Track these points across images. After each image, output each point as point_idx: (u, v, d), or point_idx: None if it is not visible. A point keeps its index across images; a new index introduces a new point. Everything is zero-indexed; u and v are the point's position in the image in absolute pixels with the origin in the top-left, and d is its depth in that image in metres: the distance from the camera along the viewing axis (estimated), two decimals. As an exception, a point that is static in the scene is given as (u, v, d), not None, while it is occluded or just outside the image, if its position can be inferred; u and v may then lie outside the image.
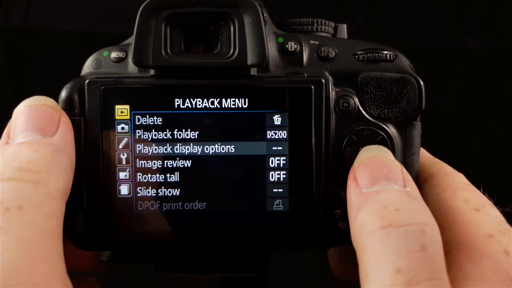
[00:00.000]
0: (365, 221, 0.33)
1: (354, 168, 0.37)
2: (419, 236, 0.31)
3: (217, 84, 0.39)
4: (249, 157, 0.40)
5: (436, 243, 0.31)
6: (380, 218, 0.32)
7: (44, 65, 0.81)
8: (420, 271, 0.30)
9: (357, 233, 0.33)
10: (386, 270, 0.30)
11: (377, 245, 0.31)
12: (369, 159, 0.37)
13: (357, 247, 0.33)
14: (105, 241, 0.40)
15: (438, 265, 0.30)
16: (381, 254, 0.31)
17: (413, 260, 0.30)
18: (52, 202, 0.33)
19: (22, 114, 0.36)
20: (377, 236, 0.32)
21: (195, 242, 0.40)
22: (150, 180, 0.40)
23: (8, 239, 0.30)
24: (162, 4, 0.38)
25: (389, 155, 0.37)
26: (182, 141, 0.40)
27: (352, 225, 0.34)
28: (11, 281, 0.29)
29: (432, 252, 0.31)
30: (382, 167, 0.36)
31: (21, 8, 0.80)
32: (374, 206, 0.33)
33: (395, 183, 0.35)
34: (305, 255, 0.84)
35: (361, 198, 0.34)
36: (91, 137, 0.39)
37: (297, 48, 0.41)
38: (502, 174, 0.81)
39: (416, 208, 0.33)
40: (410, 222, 0.32)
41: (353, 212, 0.34)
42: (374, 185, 0.35)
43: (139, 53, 0.39)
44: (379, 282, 0.30)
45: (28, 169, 0.33)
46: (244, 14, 0.39)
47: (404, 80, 0.40)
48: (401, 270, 0.30)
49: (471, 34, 0.81)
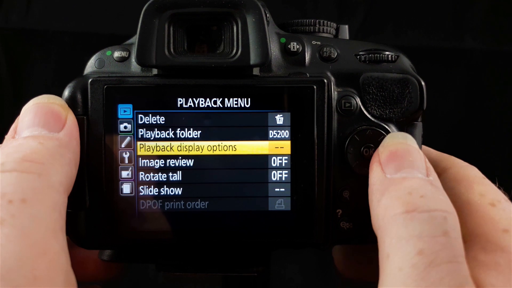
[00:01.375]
0: (388, 205, 0.34)
1: (379, 153, 0.37)
2: (441, 223, 0.32)
3: (219, 83, 0.40)
4: (251, 157, 0.40)
5: (457, 231, 0.32)
6: (404, 203, 0.33)
7: (44, 65, 0.81)
8: (442, 254, 0.30)
9: (380, 216, 0.34)
10: (408, 251, 0.31)
11: (400, 228, 0.32)
12: (395, 145, 0.37)
13: (379, 229, 0.34)
14: (106, 240, 0.40)
15: (459, 250, 0.31)
16: (404, 236, 0.31)
17: (436, 243, 0.31)
18: (55, 195, 0.33)
19: (30, 111, 0.36)
20: (401, 219, 0.32)
21: (196, 242, 0.40)
22: (152, 179, 0.40)
23: (11, 232, 0.30)
24: (165, 3, 0.39)
25: (414, 143, 0.38)
26: (184, 140, 0.40)
27: (375, 208, 0.35)
28: (12, 273, 0.29)
29: (453, 238, 0.31)
30: (407, 154, 0.36)
31: (21, 8, 0.80)
32: (399, 191, 0.34)
33: (419, 172, 0.35)
34: (306, 255, 0.84)
35: (386, 183, 0.35)
36: (93, 136, 0.39)
37: (299, 49, 0.41)
38: (501, 174, 0.81)
39: (439, 196, 0.34)
40: (433, 208, 0.32)
41: (376, 196, 0.35)
42: (399, 171, 0.35)
43: (142, 52, 0.39)
44: (400, 262, 0.31)
45: (31, 159, 0.33)
46: (247, 14, 0.39)
47: (406, 81, 0.40)
48: (423, 252, 0.30)
49: (471, 34, 0.81)
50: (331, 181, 0.40)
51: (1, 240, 0.29)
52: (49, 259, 0.30)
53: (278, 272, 0.83)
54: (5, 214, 0.30)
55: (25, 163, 0.33)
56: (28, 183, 0.32)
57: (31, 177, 0.32)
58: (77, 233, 0.40)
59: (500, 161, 0.83)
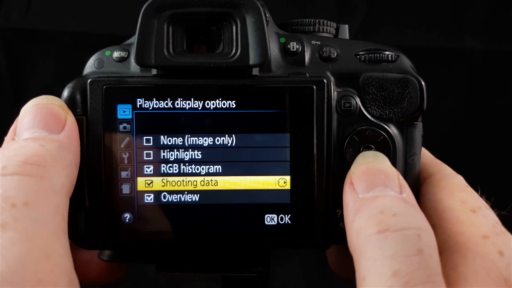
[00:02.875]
0: (362, 225, 0.33)
1: (351, 174, 0.37)
2: (415, 241, 0.31)
3: (219, 84, 0.40)
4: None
5: (432, 248, 0.32)
6: (377, 223, 0.32)
7: (44, 65, 0.81)
8: (417, 274, 0.30)
9: (354, 238, 0.34)
10: (384, 273, 0.30)
11: (374, 249, 0.32)
12: (366, 165, 0.37)
13: (354, 251, 0.33)
14: (106, 240, 0.40)
15: (434, 268, 0.31)
16: (378, 257, 0.31)
17: (410, 263, 0.30)
18: (57, 198, 0.33)
19: (29, 112, 0.36)
20: (374, 240, 0.32)
21: (196, 242, 0.40)
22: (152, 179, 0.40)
23: (14, 235, 0.30)
24: (164, 4, 0.39)
25: (385, 161, 0.38)
26: (184, 140, 0.40)
27: (349, 229, 0.35)
28: (16, 277, 0.29)
29: (428, 256, 0.31)
30: (379, 173, 0.36)
31: (21, 8, 0.80)
32: (371, 211, 0.34)
33: (391, 189, 0.35)
34: (306, 255, 0.84)
35: (358, 203, 0.35)
36: (93, 136, 0.39)
37: (299, 48, 0.41)
38: (501, 175, 0.81)
39: (412, 213, 0.34)
40: (406, 227, 0.32)
41: (350, 217, 0.35)
42: (371, 190, 0.35)
43: (141, 52, 0.39)
44: (376, 284, 0.30)
45: (33, 162, 0.33)
46: (246, 14, 0.39)
47: (406, 81, 0.40)
48: (398, 273, 0.30)
49: (471, 34, 0.81)
50: (330, 181, 0.40)
51: (5, 244, 0.30)
52: (52, 262, 0.31)
53: (278, 272, 0.83)
54: (8, 217, 0.30)
55: (26, 166, 0.33)
56: (30, 186, 0.32)
57: (33, 180, 0.32)
58: (77, 233, 0.39)
59: (500, 161, 0.83)
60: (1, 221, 0.30)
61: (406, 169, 0.40)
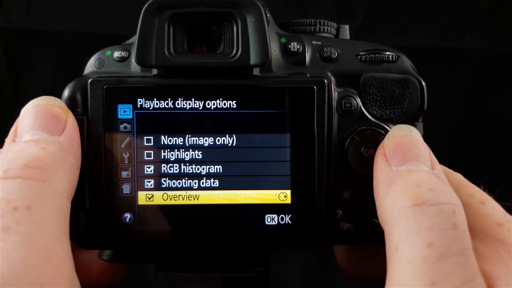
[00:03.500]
0: (396, 197, 0.33)
1: (384, 145, 0.37)
2: (450, 215, 0.32)
3: (219, 84, 0.40)
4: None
5: (464, 224, 0.32)
6: (413, 196, 0.33)
7: (44, 65, 0.81)
8: (452, 246, 0.30)
9: (387, 209, 0.34)
10: (419, 244, 0.31)
11: (409, 221, 0.32)
12: (400, 138, 0.37)
13: (386, 222, 0.34)
14: (106, 240, 0.40)
15: (467, 243, 0.31)
16: (414, 229, 0.31)
17: (446, 236, 0.31)
18: (59, 201, 0.33)
19: (29, 113, 0.36)
20: (410, 212, 0.32)
21: (196, 242, 0.40)
22: (152, 180, 0.40)
23: (16, 239, 0.30)
24: (165, 3, 0.39)
25: (418, 136, 0.38)
26: (184, 140, 0.40)
27: (381, 201, 0.35)
28: (18, 280, 0.29)
29: (462, 232, 0.32)
30: (412, 147, 0.36)
31: (21, 8, 0.80)
32: (406, 184, 0.34)
33: (424, 164, 0.35)
34: (306, 255, 0.84)
35: (392, 175, 0.35)
36: (93, 136, 0.39)
37: (299, 49, 0.41)
38: (501, 175, 0.81)
39: (446, 189, 0.34)
40: (442, 202, 0.32)
41: (383, 189, 0.35)
42: (405, 164, 0.35)
43: (142, 52, 0.39)
44: (410, 254, 0.31)
45: (35, 165, 0.33)
46: (247, 14, 0.39)
47: (406, 81, 0.40)
48: (433, 244, 0.30)
49: (471, 34, 0.81)
50: (331, 181, 0.40)
51: (7, 247, 0.30)
52: (54, 266, 0.31)
53: (278, 272, 0.83)
54: (11, 221, 0.30)
55: (28, 170, 0.33)
56: (32, 190, 0.32)
57: (35, 184, 0.32)
58: (77, 233, 0.39)
59: (500, 161, 0.83)
60: (4, 225, 0.30)
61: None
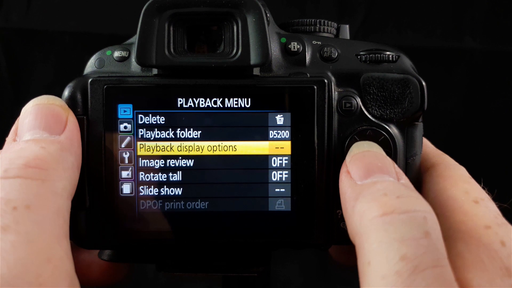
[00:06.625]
0: (364, 209, 0.32)
1: (347, 163, 0.37)
2: (422, 223, 0.31)
3: (219, 83, 0.40)
4: (251, 157, 0.40)
5: (437, 230, 0.31)
6: (381, 205, 0.32)
7: (44, 65, 0.81)
8: (426, 258, 0.29)
9: (357, 223, 0.33)
10: (391, 257, 0.30)
11: (379, 232, 0.31)
12: (362, 153, 0.37)
13: (356, 236, 0.33)
14: (106, 240, 0.40)
15: (441, 252, 0.30)
16: (385, 241, 0.30)
17: (418, 247, 0.30)
18: (59, 201, 0.33)
19: (30, 113, 0.36)
20: (380, 222, 0.31)
21: (196, 242, 0.40)
22: (152, 179, 0.40)
23: (16, 238, 0.30)
24: (165, 3, 0.38)
25: (380, 150, 0.37)
26: (184, 140, 0.40)
27: (350, 216, 0.34)
28: (18, 280, 0.29)
29: (435, 239, 0.31)
30: (375, 160, 0.36)
31: (21, 8, 0.80)
32: (373, 194, 0.33)
33: (389, 176, 0.35)
34: (306, 255, 0.84)
35: (357, 189, 0.34)
36: (93, 136, 0.39)
37: (300, 48, 0.41)
38: (502, 174, 0.81)
39: (415, 196, 0.33)
40: (412, 209, 0.31)
41: (350, 203, 0.34)
42: (369, 177, 0.35)
43: (142, 52, 0.39)
44: (383, 269, 0.30)
45: (35, 165, 0.33)
46: (247, 14, 0.39)
47: (406, 81, 0.40)
48: (406, 257, 0.29)
49: (471, 34, 0.81)
50: (331, 181, 0.40)
51: (6, 247, 0.30)
52: (53, 265, 0.31)
53: (278, 272, 0.83)
54: (10, 221, 0.30)
55: (28, 169, 0.33)
56: (32, 189, 0.32)
57: (34, 184, 0.32)
58: (77, 233, 0.39)
59: (500, 161, 0.83)
60: (3, 224, 0.30)
61: (406, 169, 0.40)
